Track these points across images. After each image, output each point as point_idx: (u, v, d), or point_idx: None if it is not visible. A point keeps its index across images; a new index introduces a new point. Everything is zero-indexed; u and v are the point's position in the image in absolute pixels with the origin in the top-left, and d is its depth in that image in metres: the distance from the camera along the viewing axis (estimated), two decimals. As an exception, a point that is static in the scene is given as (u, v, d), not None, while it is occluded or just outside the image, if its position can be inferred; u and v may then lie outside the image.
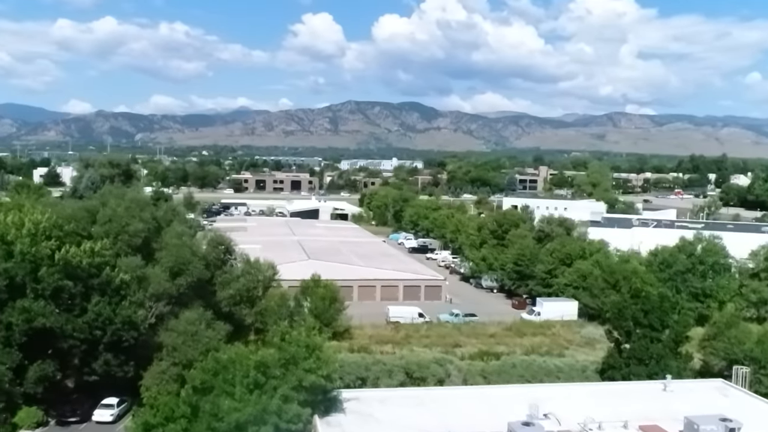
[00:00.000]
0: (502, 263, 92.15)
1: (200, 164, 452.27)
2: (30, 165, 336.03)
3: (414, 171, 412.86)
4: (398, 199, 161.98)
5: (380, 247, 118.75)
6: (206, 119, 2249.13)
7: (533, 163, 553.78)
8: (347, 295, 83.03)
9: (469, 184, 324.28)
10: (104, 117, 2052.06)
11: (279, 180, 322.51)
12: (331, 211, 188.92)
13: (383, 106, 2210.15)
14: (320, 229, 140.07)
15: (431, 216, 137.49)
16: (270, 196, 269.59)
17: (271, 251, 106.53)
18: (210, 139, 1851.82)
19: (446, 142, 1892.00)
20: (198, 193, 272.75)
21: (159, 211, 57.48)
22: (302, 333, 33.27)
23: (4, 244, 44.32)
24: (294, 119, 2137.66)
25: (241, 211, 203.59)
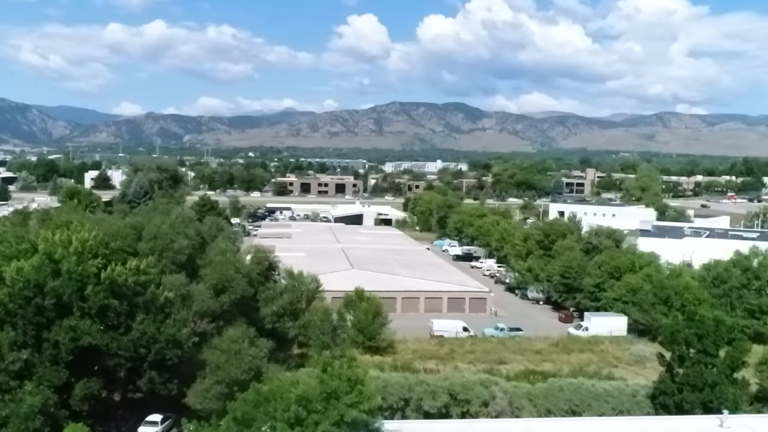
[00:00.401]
0: (549, 275, 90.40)
1: (246, 167, 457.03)
2: (82, 168, 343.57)
3: (459, 174, 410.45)
4: (443, 205, 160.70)
5: (424, 256, 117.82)
6: (252, 120, 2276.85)
7: (580, 165, 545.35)
8: (390, 307, 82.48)
9: (515, 188, 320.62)
10: (153, 119, 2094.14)
11: (323, 183, 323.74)
12: (375, 216, 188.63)
13: (428, 107, 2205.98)
14: (364, 236, 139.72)
15: (476, 223, 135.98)
16: (314, 199, 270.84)
17: (315, 259, 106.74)
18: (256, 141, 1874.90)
19: (491, 143, 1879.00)
20: (244, 196, 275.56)
21: (204, 226, 57.64)
22: (344, 365, 32.60)
23: (52, 262, 44.80)
24: (339, 120, 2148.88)
25: (285, 215, 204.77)
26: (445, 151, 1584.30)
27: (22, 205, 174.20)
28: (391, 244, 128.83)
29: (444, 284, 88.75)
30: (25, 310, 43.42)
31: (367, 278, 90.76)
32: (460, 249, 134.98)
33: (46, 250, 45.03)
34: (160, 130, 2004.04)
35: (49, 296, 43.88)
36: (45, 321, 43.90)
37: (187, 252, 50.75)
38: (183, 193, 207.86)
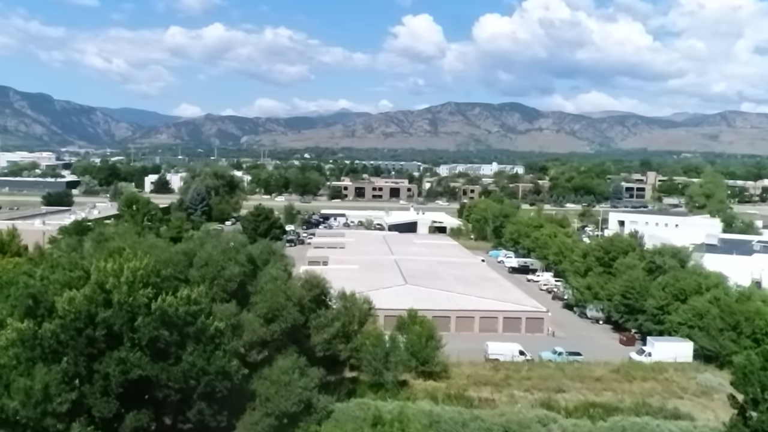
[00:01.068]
0: (609, 294, 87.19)
1: (301, 170, 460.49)
2: (142, 172, 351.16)
3: (515, 177, 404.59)
4: (499, 214, 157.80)
5: (479, 269, 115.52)
6: (308, 121, 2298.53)
7: (640, 168, 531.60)
8: (444, 326, 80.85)
9: (572, 193, 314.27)
10: (212, 120, 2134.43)
11: (378, 187, 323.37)
12: (429, 224, 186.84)
13: (483, 107, 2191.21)
14: (418, 246, 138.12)
15: (533, 235, 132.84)
16: (368, 204, 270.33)
17: (368, 273, 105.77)
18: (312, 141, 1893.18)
19: (548, 144, 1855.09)
20: (298, 201, 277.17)
21: (256, 250, 56.99)
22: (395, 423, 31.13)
23: (104, 292, 44.58)
24: (394, 121, 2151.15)
25: (340, 222, 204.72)
26: (500, 152, 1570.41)
27: (84, 211, 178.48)
28: (445, 255, 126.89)
29: (500, 303, 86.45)
30: (76, 342, 43.23)
31: (420, 295, 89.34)
32: (516, 261, 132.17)
33: (98, 280, 44.84)
34: (218, 131, 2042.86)
35: (100, 327, 43.62)
36: (96, 352, 43.70)
37: (238, 279, 50.06)
38: (239, 199, 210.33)
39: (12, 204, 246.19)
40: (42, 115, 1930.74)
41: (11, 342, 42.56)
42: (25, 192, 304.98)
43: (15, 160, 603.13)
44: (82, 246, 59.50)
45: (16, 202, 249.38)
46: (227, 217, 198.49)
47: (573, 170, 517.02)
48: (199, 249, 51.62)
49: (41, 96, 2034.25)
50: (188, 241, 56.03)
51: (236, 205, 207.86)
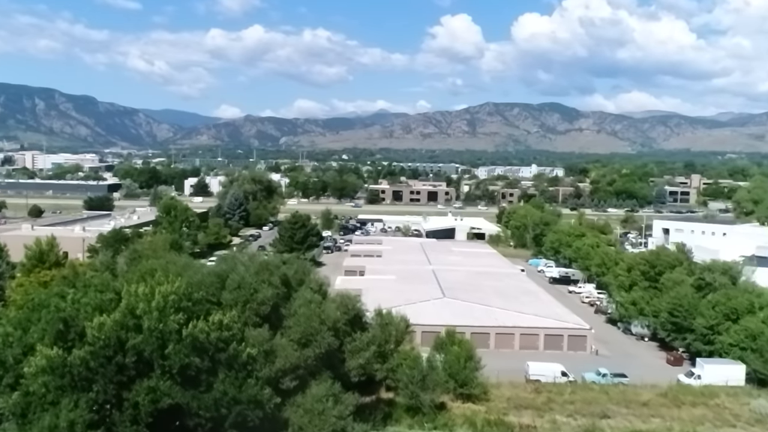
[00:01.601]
0: (655, 310, 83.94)
1: (339, 172, 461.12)
2: (182, 175, 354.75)
3: (554, 180, 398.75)
4: (539, 222, 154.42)
5: (519, 281, 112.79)
6: (346, 122, 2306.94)
7: (684, 170, 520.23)
8: (483, 343, 78.73)
9: (614, 197, 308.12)
10: (251, 121, 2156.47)
11: (416, 191, 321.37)
12: (467, 230, 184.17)
13: (522, 108, 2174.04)
14: (456, 254, 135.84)
15: (574, 244, 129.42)
16: (406, 209, 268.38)
17: (405, 284, 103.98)
18: (350, 143, 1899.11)
19: (588, 144, 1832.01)
20: (336, 205, 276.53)
21: (290, 269, 55.57)
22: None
23: (134, 317, 43.58)
24: (432, 122, 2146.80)
25: (377, 227, 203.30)
26: (540, 153, 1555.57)
27: (123, 217, 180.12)
28: (484, 265, 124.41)
29: (541, 319, 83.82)
30: (106, 369, 42.28)
31: (459, 309, 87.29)
32: (557, 271, 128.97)
33: (128, 305, 43.89)
34: (257, 132, 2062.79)
35: (130, 354, 42.64)
36: (126, 380, 42.71)
37: (271, 303, 48.70)
38: (276, 204, 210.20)
39: (55, 207, 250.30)
40: (86, 117, 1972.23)
41: (40, 369, 41.80)
42: (68, 195, 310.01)
43: (59, 162, 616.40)
44: (116, 262, 58.73)
45: (59, 206, 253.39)
46: (264, 222, 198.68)
47: (614, 172, 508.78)
48: (232, 271, 50.35)
49: (86, 98, 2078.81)
50: (221, 262, 54.78)
51: (273, 210, 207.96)
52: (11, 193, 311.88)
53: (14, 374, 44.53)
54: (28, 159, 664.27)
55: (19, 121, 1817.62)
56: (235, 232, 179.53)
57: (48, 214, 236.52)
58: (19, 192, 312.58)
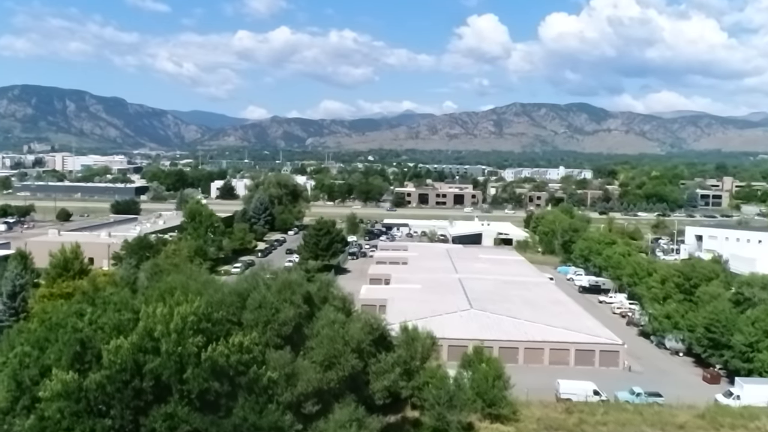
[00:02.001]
0: (691, 325, 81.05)
1: (365, 174, 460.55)
2: (208, 178, 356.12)
3: (583, 183, 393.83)
4: (568, 228, 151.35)
5: (548, 290, 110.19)
6: (372, 123, 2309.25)
7: (715, 172, 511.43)
8: (511, 358, 76.66)
9: (644, 200, 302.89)
10: (278, 123, 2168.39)
11: (442, 194, 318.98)
12: (494, 236, 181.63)
13: (549, 108, 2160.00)
14: (483, 262, 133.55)
15: (605, 252, 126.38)
16: (432, 213, 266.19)
17: (431, 294, 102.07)
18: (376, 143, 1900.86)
19: (617, 145, 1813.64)
20: (361, 208, 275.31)
21: (313, 286, 53.96)
22: None
23: (152, 340, 42.27)
24: (458, 122, 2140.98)
25: (402, 232, 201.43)
26: (567, 154, 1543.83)
27: (149, 221, 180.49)
28: (511, 273, 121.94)
29: (572, 333, 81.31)
30: (122, 394, 41.01)
31: (486, 322, 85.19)
32: (586, 280, 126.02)
33: (146, 326, 42.61)
34: (284, 133, 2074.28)
35: (147, 378, 41.35)
36: (143, 404, 41.43)
37: (293, 323, 47.13)
38: (302, 208, 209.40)
39: (83, 210, 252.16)
40: (116, 118, 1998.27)
41: (56, 394, 40.67)
42: (96, 198, 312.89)
43: (89, 164, 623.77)
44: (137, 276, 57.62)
45: (87, 209, 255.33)
46: (289, 226, 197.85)
47: (643, 174, 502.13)
48: (254, 289, 48.87)
49: (115, 100, 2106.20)
50: (242, 280, 53.37)
51: (299, 215, 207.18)
52: (41, 195, 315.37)
53: (30, 396, 43.50)
54: (59, 161, 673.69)
55: (51, 123, 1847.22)
56: (260, 236, 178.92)
57: (76, 217, 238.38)
58: (49, 195, 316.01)
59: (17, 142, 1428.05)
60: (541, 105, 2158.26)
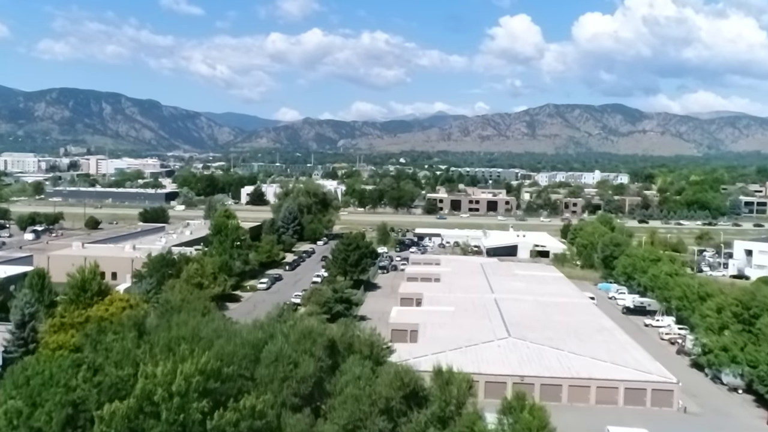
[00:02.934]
0: (752, 360, 73.90)
1: (396, 178, 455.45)
2: (239, 183, 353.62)
3: (620, 188, 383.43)
4: (609, 243, 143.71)
5: (591, 314, 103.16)
6: (404, 125, 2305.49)
7: (757, 176, 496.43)
8: (554, 395, 70.53)
9: (685, 207, 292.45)
10: (310, 124, 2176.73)
11: (475, 200, 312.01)
12: (530, 248, 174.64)
13: (584, 109, 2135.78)
14: (520, 279, 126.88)
15: (650, 271, 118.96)
16: (465, 221, 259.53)
17: (465, 317, 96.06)
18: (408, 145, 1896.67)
19: (652, 146, 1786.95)
20: (392, 215, 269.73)
21: (337, 331, 48.53)
22: None
23: (152, 404, 37.13)
24: (490, 124, 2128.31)
25: (435, 242, 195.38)
26: (601, 155, 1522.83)
27: (176, 231, 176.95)
28: (551, 293, 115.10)
29: (620, 369, 74.50)
30: (117, 466, 36.08)
31: (526, 354, 78.92)
32: (631, 300, 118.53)
33: (144, 389, 37.51)
34: (316, 135, 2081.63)
35: (145, 448, 36.30)
36: (140, 478, 36.42)
37: (314, 380, 41.77)
38: (331, 217, 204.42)
39: (112, 218, 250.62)
40: (151, 121, 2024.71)
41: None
42: (126, 203, 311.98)
43: (122, 167, 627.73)
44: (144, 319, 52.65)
45: (116, 216, 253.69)
46: (319, 236, 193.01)
47: (681, 178, 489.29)
48: (270, 339, 43.52)
49: (150, 102, 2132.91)
50: (257, 329, 48.05)
51: (328, 224, 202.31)
52: (72, 201, 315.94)
53: (17, 463, 38.88)
54: (93, 164, 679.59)
55: (87, 125, 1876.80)
56: (288, 247, 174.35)
57: (105, 225, 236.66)
58: (80, 200, 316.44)
59: (55, 144, 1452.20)
60: (575, 106, 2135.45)
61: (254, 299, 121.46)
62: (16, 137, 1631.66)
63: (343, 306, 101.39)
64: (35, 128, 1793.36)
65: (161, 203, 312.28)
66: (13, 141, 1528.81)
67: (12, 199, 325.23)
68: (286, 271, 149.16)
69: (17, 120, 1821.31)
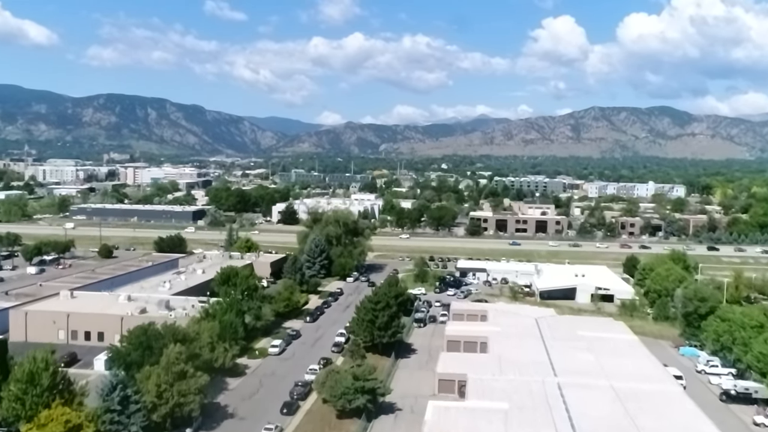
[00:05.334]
0: None
1: (437, 190, 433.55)
2: (271, 199, 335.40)
3: (679, 204, 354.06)
4: (691, 296, 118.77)
5: (686, 412, 79.44)
6: (446, 129, 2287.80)
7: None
8: None
9: (758, 229, 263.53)
10: (352, 128, 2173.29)
11: (522, 220, 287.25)
12: (591, 290, 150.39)
13: (630, 112, 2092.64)
14: (585, 349, 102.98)
15: (756, 347, 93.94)
16: (512, 250, 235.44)
17: (522, 423, 73.63)
18: (450, 149, 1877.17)
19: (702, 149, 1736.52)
20: (432, 238, 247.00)
21: None
22: None
23: None
24: (534, 127, 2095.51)
25: (479, 279, 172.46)
26: (649, 159, 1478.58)
27: (189, 269, 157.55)
28: (627, 373, 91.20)
29: None
30: None
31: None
32: (731, 382, 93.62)
33: None
34: (357, 139, 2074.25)
35: None
36: None
37: None
38: (363, 249, 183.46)
39: (130, 242, 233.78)
40: (195, 126, 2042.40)
41: None
42: (152, 222, 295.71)
43: (159, 176, 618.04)
44: None
45: (136, 240, 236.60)
46: (348, 272, 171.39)
47: (742, 189, 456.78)
48: None
49: (194, 107, 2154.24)
50: None
51: (360, 256, 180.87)
52: (96, 219, 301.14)
53: None
54: (130, 174, 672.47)
55: (133, 131, 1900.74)
56: (313, 287, 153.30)
57: (122, 250, 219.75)
58: (105, 219, 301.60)
59: (101, 149, 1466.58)
60: (621, 108, 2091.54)
61: (262, 370, 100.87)
62: (64, 143, 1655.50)
63: (366, 398, 79.95)
64: (82, 133, 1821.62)
65: (188, 222, 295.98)
66: (61, 146, 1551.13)
67: (36, 217, 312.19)
68: (307, 323, 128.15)
69: (66, 126, 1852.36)
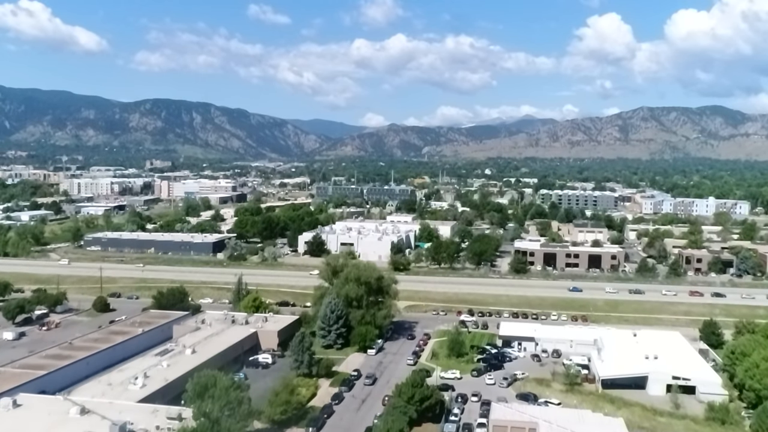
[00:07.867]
0: None
1: (478, 208, 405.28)
2: (299, 226, 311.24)
3: (749, 231, 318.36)
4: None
5: None
6: (491, 130, 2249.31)
7: None
8: None
9: None
10: (395, 131, 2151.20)
11: (573, 254, 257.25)
12: (666, 380, 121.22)
13: (680, 112, 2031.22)
14: None
15: None
16: (564, 299, 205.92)
17: None
18: (494, 152, 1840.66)
19: (756, 150, 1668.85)
20: (470, 281, 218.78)
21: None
22: None
23: None
24: (580, 128, 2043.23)
25: (527, 351, 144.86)
26: (701, 161, 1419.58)
27: (183, 339, 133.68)
28: None
29: None
30: None
31: None
32: None
33: None
34: (400, 142, 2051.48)
35: None
36: None
37: None
38: (388, 311, 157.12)
39: (137, 286, 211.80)
40: (239, 129, 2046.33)
41: None
42: (169, 255, 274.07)
43: (192, 191, 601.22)
44: None
45: (143, 283, 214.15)
46: (370, 343, 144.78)
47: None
48: None
49: (239, 111, 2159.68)
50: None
51: (385, 320, 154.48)
52: (112, 250, 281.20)
53: None
54: (165, 187, 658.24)
55: (178, 135, 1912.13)
56: (324, 370, 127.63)
57: (123, 298, 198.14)
58: (120, 250, 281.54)
59: (146, 155, 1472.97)
60: (671, 108, 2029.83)
61: None
62: (111, 148, 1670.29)
63: None
64: (129, 138, 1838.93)
65: (207, 253, 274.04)
66: (108, 152, 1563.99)
67: (50, 247, 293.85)
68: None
69: (113, 131, 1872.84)
